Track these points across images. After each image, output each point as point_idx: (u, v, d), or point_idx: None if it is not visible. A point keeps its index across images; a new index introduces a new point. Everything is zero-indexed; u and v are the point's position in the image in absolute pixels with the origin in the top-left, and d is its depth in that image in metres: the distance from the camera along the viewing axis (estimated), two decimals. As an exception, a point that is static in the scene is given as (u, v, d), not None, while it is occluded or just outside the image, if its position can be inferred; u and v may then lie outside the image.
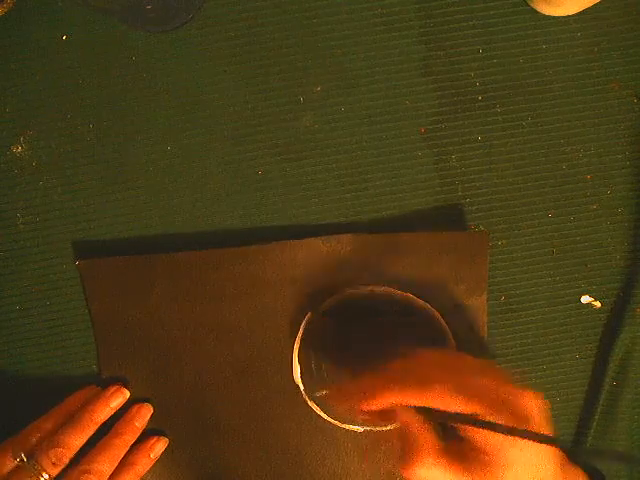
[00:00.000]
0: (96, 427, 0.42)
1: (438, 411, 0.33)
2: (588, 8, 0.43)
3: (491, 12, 0.43)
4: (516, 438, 0.31)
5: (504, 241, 0.44)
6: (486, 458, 0.32)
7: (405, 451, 0.33)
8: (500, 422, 0.32)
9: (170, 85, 0.44)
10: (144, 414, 0.44)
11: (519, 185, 0.44)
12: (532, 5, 0.43)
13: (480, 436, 0.33)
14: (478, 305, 0.43)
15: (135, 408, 0.44)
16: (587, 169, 0.44)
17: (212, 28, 0.44)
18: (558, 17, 0.43)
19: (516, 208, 0.44)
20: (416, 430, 0.33)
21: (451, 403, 0.33)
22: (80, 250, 0.44)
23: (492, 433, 0.32)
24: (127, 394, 0.44)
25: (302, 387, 0.42)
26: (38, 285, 0.45)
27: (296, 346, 0.41)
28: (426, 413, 0.33)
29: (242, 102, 0.44)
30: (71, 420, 0.41)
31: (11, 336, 0.45)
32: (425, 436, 0.33)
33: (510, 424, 0.32)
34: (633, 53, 0.43)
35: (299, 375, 0.42)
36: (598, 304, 0.43)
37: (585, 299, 0.43)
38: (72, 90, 0.44)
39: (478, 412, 0.32)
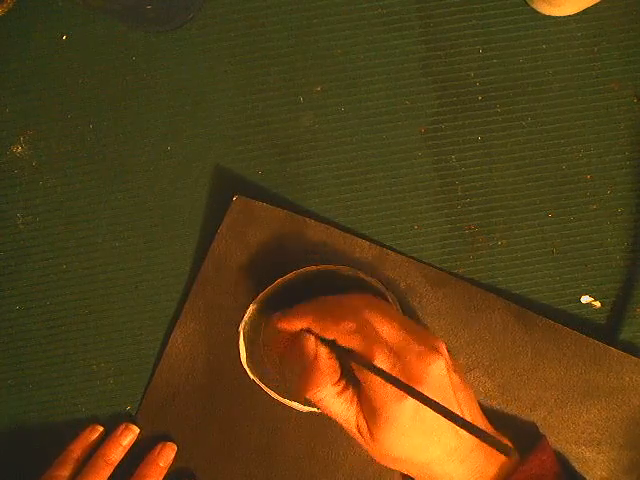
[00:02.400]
0: (112, 468, 0.41)
1: (340, 346, 0.35)
2: (588, 8, 0.43)
3: (491, 12, 0.43)
4: (403, 395, 0.33)
5: (504, 241, 0.44)
6: (371, 405, 0.34)
7: (307, 374, 0.36)
8: (386, 370, 0.33)
9: (170, 85, 0.44)
10: (167, 453, 0.42)
11: (519, 185, 0.44)
12: (532, 5, 0.43)
13: (370, 383, 0.34)
14: None
15: (158, 448, 0.43)
16: (587, 169, 0.44)
17: (212, 28, 0.44)
18: (558, 17, 0.43)
19: (516, 208, 0.44)
20: (319, 356, 0.36)
21: (349, 341, 0.35)
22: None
23: (382, 385, 0.33)
24: (137, 431, 0.43)
25: (248, 371, 0.41)
26: (38, 285, 0.45)
27: (241, 330, 0.41)
28: (331, 346, 0.36)
29: (242, 102, 0.44)
30: (87, 465, 0.41)
31: (11, 336, 0.45)
32: (327, 363, 0.36)
33: (398, 376, 0.33)
34: (633, 53, 0.43)
35: (245, 358, 0.41)
36: (598, 304, 0.43)
37: (585, 299, 0.43)
38: (72, 90, 0.44)
39: (372, 357, 0.34)
